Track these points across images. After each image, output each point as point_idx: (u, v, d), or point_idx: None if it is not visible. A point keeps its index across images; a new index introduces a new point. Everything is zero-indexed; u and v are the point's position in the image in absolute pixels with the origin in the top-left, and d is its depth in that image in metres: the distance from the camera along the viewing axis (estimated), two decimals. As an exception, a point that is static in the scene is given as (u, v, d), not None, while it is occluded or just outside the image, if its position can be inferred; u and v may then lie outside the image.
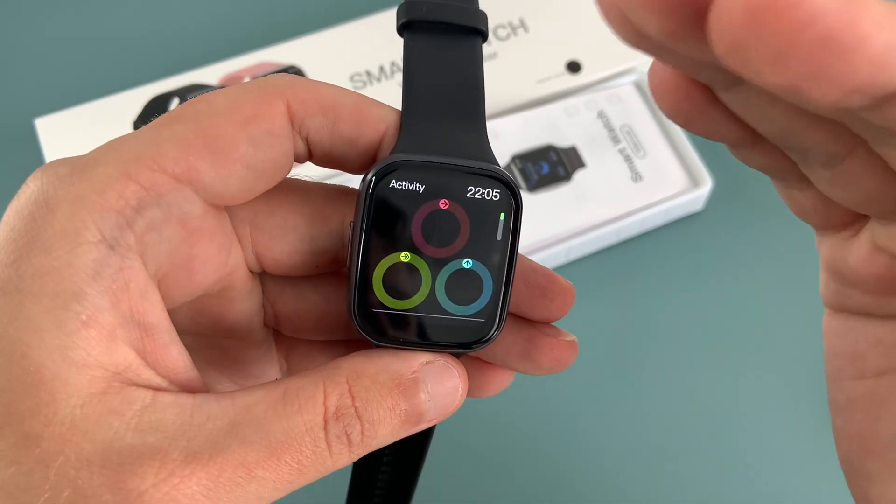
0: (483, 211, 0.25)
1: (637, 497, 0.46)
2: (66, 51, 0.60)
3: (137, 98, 0.54)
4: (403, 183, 0.25)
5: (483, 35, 0.28)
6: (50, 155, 0.52)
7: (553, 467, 0.47)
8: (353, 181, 0.26)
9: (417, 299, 0.25)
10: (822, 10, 0.14)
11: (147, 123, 0.41)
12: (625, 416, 0.48)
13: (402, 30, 0.27)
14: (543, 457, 0.47)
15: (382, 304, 0.25)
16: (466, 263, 0.25)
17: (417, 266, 0.25)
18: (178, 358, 0.24)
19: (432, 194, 0.25)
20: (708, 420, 0.48)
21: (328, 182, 0.29)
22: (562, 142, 0.53)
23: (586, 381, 0.47)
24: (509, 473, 0.47)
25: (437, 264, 0.25)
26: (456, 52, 0.27)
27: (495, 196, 0.25)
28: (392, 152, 0.25)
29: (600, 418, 0.48)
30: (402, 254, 0.25)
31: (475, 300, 0.25)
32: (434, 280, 0.25)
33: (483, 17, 0.28)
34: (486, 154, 0.25)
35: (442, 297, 0.25)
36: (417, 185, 0.25)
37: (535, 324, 0.28)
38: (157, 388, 0.23)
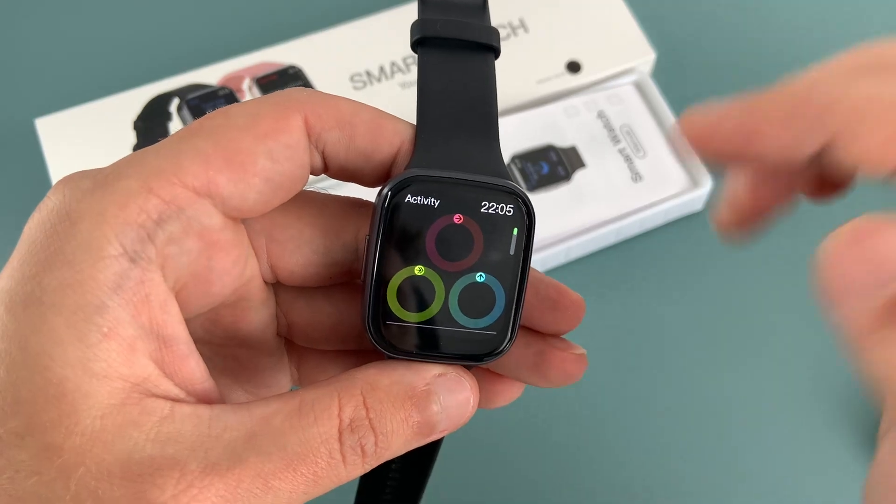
0: (496, 226, 0.25)
1: (637, 495, 0.47)
2: (66, 51, 0.60)
3: (137, 98, 0.54)
4: (419, 197, 0.25)
5: (496, 52, 0.28)
6: (50, 155, 0.52)
7: (554, 467, 0.47)
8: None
9: (431, 312, 0.26)
10: None
11: (147, 123, 0.41)
12: (625, 415, 0.49)
13: (415, 46, 0.28)
14: (545, 457, 0.47)
15: (396, 317, 0.25)
16: (479, 277, 0.26)
17: (431, 279, 0.25)
18: (195, 369, 0.24)
19: (447, 209, 0.25)
20: (708, 419, 0.49)
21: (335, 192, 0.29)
22: (562, 142, 0.54)
23: (587, 381, 0.47)
24: (512, 474, 0.47)
25: (450, 278, 0.26)
26: (469, 68, 0.27)
27: (508, 211, 0.25)
28: (407, 167, 0.25)
29: (601, 418, 0.49)
30: (417, 267, 0.25)
31: (488, 313, 0.26)
32: (447, 293, 0.26)
33: (496, 34, 0.28)
34: (500, 169, 0.26)
35: (455, 310, 0.26)
36: (432, 199, 0.25)
37: (545, 336, 0.28)
38: (175, 399, 0.23)
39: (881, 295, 0.19)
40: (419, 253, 0.25)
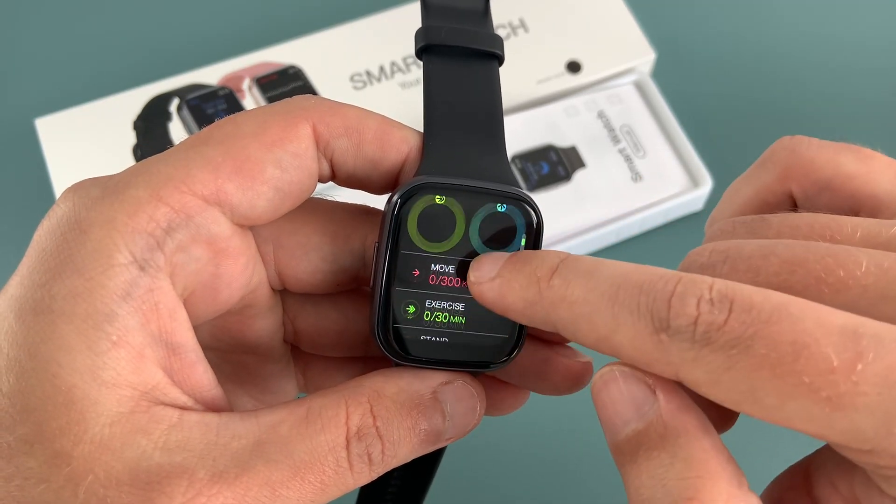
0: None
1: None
2: (66, 51, 0.60)
3: (137, 98, 0.54)
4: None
5: (500, 59, 0.28)
6: (50, 155, 0.52)
7: (558, 475, 0.47)
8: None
9: (452, 242, 0.26)
10: None
11: (147, 123, 0.40)
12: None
13: (420, 53, 0.28)
14: (548, 464, 0.47)
15: (417, 247, 0.25)
16: (500, 207, 0.26)
17: (451, 208, 0.25)
18: (203, 376, 0.24)
19: None
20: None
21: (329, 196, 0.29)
22: (562, 142, 0.54)
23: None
24: (515, 481, 0.47)
25: (471, 206, 0.25)
26: (474, 75, 0.28)
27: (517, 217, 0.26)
28: (416, 174, 0.25)
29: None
30: (437, 196, 0.25)
31: (510, 243, 0.26)
32: (468, 222, 0.26)
33: (499, 41, 0.28)
34: (508, 176, 0.26)
35: (475, 239, 0.26)
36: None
37: (551, 344, 0.28)
38: (183, 407, 0.23)
39: (623, 433, 0.22)
40: None
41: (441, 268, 0.26)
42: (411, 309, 0.26)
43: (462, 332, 0.26)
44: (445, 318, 0.26)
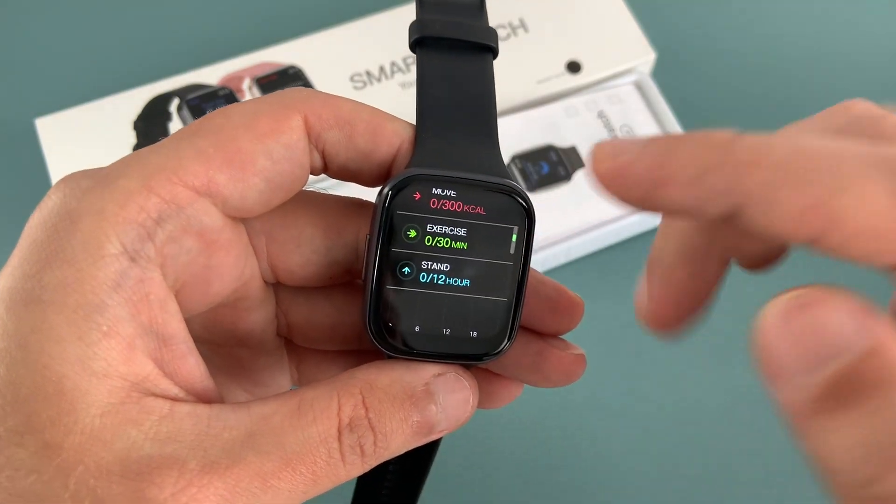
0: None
1: (638, 497, 0.47)
2: (66, 51, 0.60)
3: (137, 98, 0.54)
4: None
5: (494, 52, 0.28)
6: (50, 155, 0.52)
7: (552, 468, 0.47)
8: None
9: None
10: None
11: (147, 123, 0.40)
12: (625, 415, 0.49)
13: (414, 46, 0.28)
14: (542, 457, 0.47)
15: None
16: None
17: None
18: (194, 368, 0.24)
19: None
20: (707, 418, 0.49)
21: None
22: (562, 142, 0.54)
23: (587, 380, 0.47)
24: (510, 474, 0.47)
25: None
26: (468, 68, 0.28)
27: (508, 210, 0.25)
28: (408, 166, 0.25)
29: (600, 418, 0.48)
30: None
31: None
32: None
33: (494, 34, 0.28)
34: (500, 169, 0.26)
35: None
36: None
37: (544, 336, 0.28)
38: (174, 399, 0.23)
39: (819, 376, 0.18)
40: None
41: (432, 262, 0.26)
42: (403, 301, 0.25)
43: (455, 324, 0.26)
44: (438, 309, 0.26)
